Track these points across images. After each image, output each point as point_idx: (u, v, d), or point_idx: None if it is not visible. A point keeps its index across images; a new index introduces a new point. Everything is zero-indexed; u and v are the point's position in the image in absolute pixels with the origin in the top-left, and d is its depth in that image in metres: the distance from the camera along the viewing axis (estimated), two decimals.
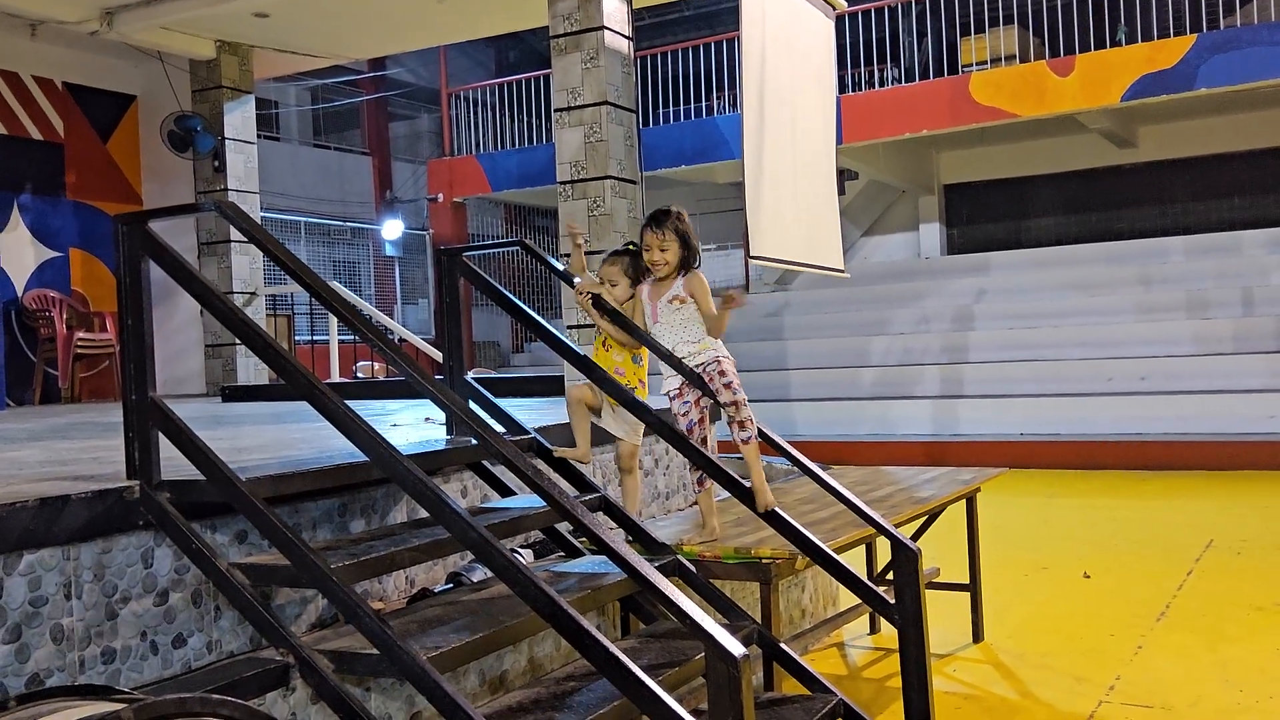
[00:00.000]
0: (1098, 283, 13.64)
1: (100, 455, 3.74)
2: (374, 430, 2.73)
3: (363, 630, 2.59)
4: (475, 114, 17.82)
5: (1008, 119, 13.49)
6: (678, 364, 3.74)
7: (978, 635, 5.20)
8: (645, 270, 3.81)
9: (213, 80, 9.20)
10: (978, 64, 14.07)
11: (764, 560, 3.63)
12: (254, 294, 9.28)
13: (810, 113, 7.64)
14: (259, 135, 9.69)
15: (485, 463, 3.85)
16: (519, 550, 3.90)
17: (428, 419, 5.01)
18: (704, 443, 3.77)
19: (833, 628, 5.04)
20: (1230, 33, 12.44)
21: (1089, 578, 6.35)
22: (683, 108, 16.35)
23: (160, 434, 2.84)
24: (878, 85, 15.09)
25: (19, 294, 9.04)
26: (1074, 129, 14.69)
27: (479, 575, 3.52)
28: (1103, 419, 11.63)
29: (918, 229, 17.10)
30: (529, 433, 3.95)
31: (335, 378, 10.06)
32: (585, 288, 3.84)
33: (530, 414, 4.38)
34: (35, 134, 9.24)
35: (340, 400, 2.75)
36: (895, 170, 15.90)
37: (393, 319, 14.58)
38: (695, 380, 3.72)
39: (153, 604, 2.74)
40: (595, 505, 3.72)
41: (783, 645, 3.54)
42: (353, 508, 3.35)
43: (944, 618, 5.16)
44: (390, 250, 18.56)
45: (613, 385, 3.75)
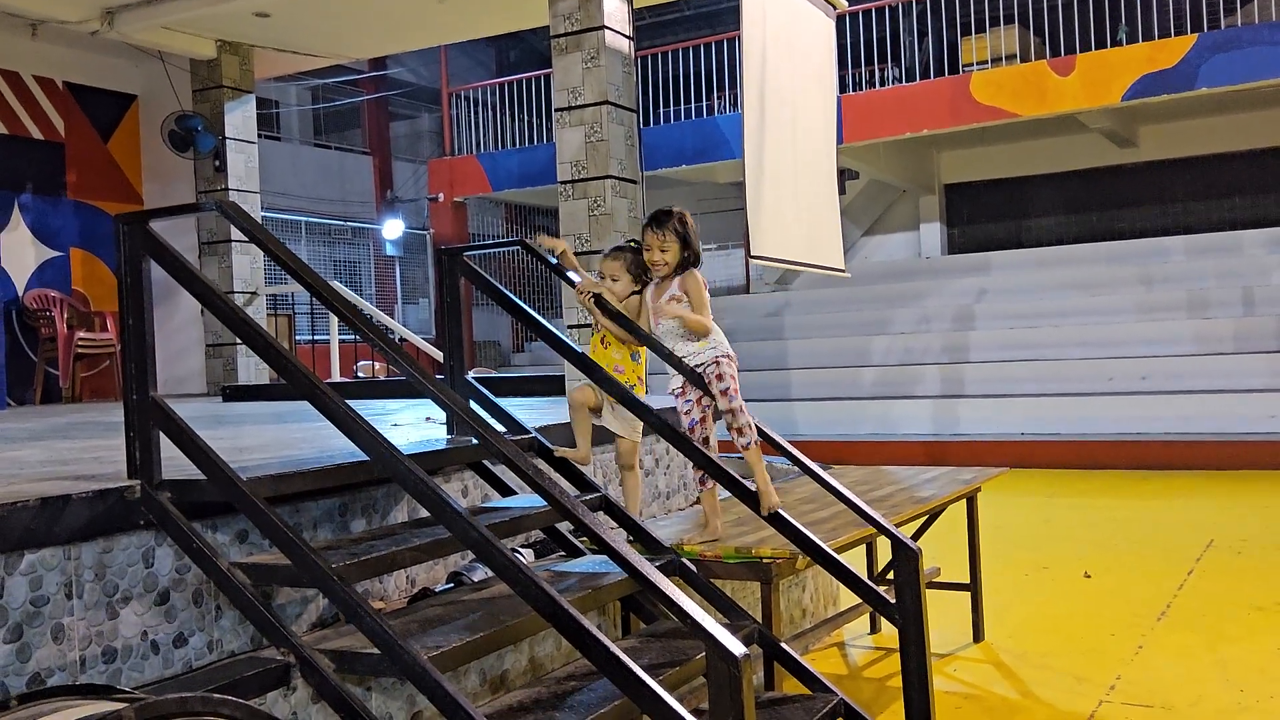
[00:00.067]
0: (1098, 282, 13.64)
1: (101, 455, 3.74)
2: (375, 430, 2.73)
3: (364, 630, 2.59)
4: (476, 113, 17.82)
5: (1008, 118, 13.48)
6: (678, 364, 3.74)
7: (978, 635, 5.20)
8: (647, 269, 3.82)
9: (213, 80, 9.20)
10: (978, 63, 14.06)
11: (765, 560, 3.63)
12: (255, 293, 9.28)
13: (811, 112, 7.64)
14: (260, 135, 9.69)
15: (486, 462, 3.85)
16: (520, 550, 3.90)
17: (428, 418, 5.01)
18: (705, 442, 3.77)
19: (833, 627, 5.04)
20: (1231, 32, 12.44)
21: (1089, 577, 6.35)
22: (683, 107, 16.35)
23: (161, 433, 2.84)
24: (878, 85, 15.09)
25: (20, 293, 9.05)
26: (1075, 129, 14.69)
27: (480, 575, 3.52)
28: (1103, 419, 11.62)
29: (918, 229, 17.10)
30: (530, 432, 3.95)
31: (336, 377, 10.06)
32: (586, 287, 3.84)
33: (531, 413, 4.38)
34: (36, 133, 9.24)
35: (341, 400, 2.75)
36: (896, 170, 15.89)
37: (393, 319, 14.59)
38: (695, 380, 3.73)
39: (154, 603, 2.74)
40: (596, 505, 3.72)
41: (783, 645, 3.54)
42: (353, 507, 3.36)
43: (944, 617, 5.16)
44: (391, 250, 18.57)
45: (614, 385, 3.76)
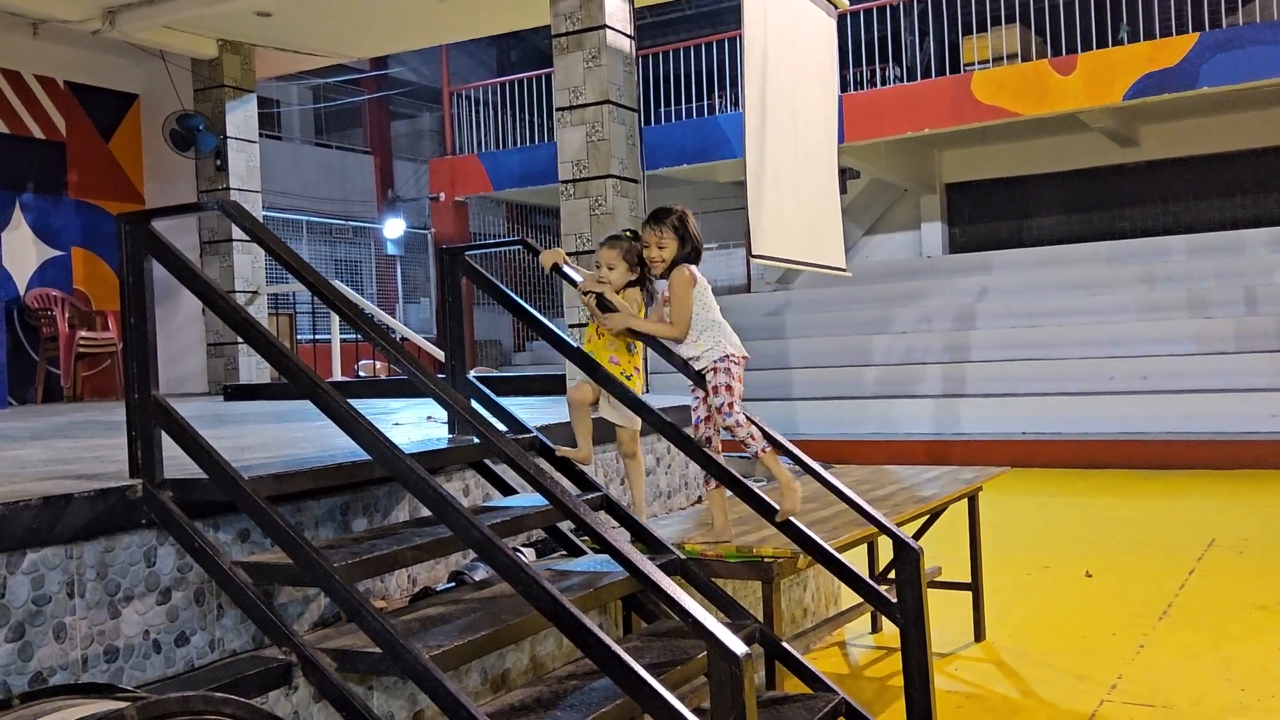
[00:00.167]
0: (1100, 282, 13.63)
1: (103, 454, 3.74)
2: (376, 429, 2.73)
3: (365, 629, 2.59)
4: (477, 113, 17.82)
5: (1010, 118, 13.47)
6: (682, 365, 3.75)
7: (979, 634, 5.20)
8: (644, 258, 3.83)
9: (215, 79, 9.20)
10: (980, 63, 14.05)
11: (766, 559, 3.63)
12: (256, 293, 9.28)
13: (812, 111, 7.64)
14: (261, 134, 9.69)
15: (487, 461, 3.85)
16: (521, 549, 3.91)
17: (430, 417, 5.01)
18: (708, 442, 3.77)
19: (835, 627, 5.04)
20: (1232, 31, 12.43)
21: (1091, 577, 6.35)
22: (684, 106, 16.35)
23: (163, 433, 2.85)
24: (879, 84, 15.08)
25: (21, 293, 9.05)
26: (1076, 128, 14.68)
27: (481, 574, 3.52)
28: (1105, 418, 11.62)
29: (919, 228, 17.09)
30: (531, 431, 3.96)
31: (337, 376, 10.06)
32: (586, 287, 3.84)
33: (532, 412, 4.38)
34: (37, 133, 9.25)
35: (342, 399, 2.75)
36: (897, 169, 15.89)
37: (394, 318, 14.59)
38: (697, 380, 3.73)
39: (155, 603, 2.74)
40: (597, 504, 3.73)
41: (785, 644, 3.54)
42: (355, 506, 3.36)
43: (946, 617, 5.15)
44: (392, 249, 18.56)
45: (615, 384, 3.76)
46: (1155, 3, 13.05)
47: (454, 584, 3.51)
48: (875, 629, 5.46)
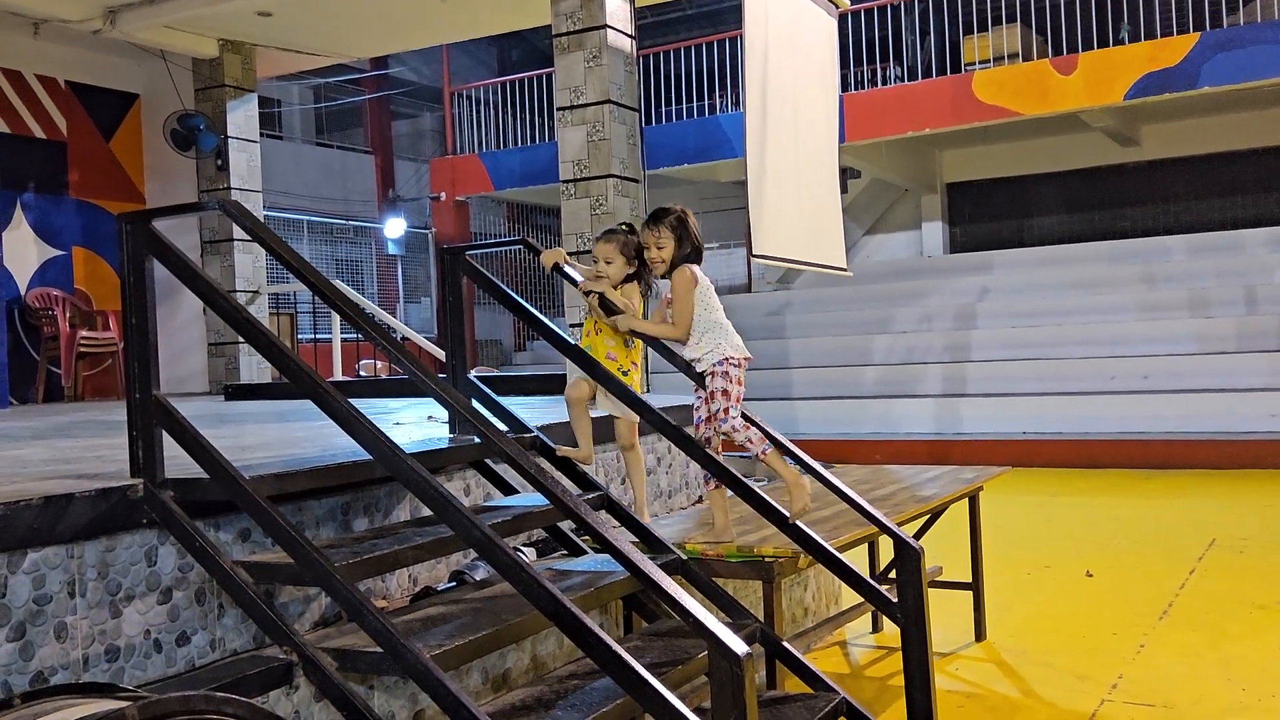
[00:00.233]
0: (1100, 281, 13.63)
1: (104, 454, 3.75)
2: (377, 428, 2.73)
3: (366, 628, 2.59)
4: (478, 113, 17.82)
5: (1010, 117, 13.47)
6: (684, 366, 3.75)
7: (980, 634, 5.20)
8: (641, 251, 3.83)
9: (215, 79, 9.20)
10: (980, 62, 14.05)
11: (767, 559, 3.63)
12: (257, 292, 9.29)
13: (813, 111, 7.65)
14: (262, 134, 9.70)
15: (488, 461, 3.85)
16: (522, 549, 3.91)
17: (430, 417, 5.02)
18: (708, 442, 3.76)
19: (835, 626, 5.04)
20: (1233, 31, 12.42)
21: (1091, 576, 6.35)
22: (685, 106, 16.35)
23: (164, 432, 2.85)
24: (880, 84, 15.08)
25: (22, 292, 9.05)
26: (1077, 127, 14.68)
27: (482, 573, 3.52)
28: (1105, 418, 11.62)
29: (920, 227, 17.09)
30: (532, 431, 3.96)
31: (338, 376, 10.07)
32: (587, 286, 3.84)
33: (533, 412, 4.38)
34: (38, 133, 9.25)
35: (343, 398, 2.75)
36: (898, 169, 15.89)
37: (395, 317, 14.59)
38: (700, 382, 3.73)
39: (156, 602, 2.74)
40: (598, 503, 3.73)
41: (785, 644, 3.54)
42: (356, 506, 3.36)
43: (946, 616, 5.15)
44: (393, 249, 18.56)
45: (614, 383, 3.75)
46: (1156, 2, 13.05)
47: (455, 583, 3.51)
48: (876, 628, 5.46)
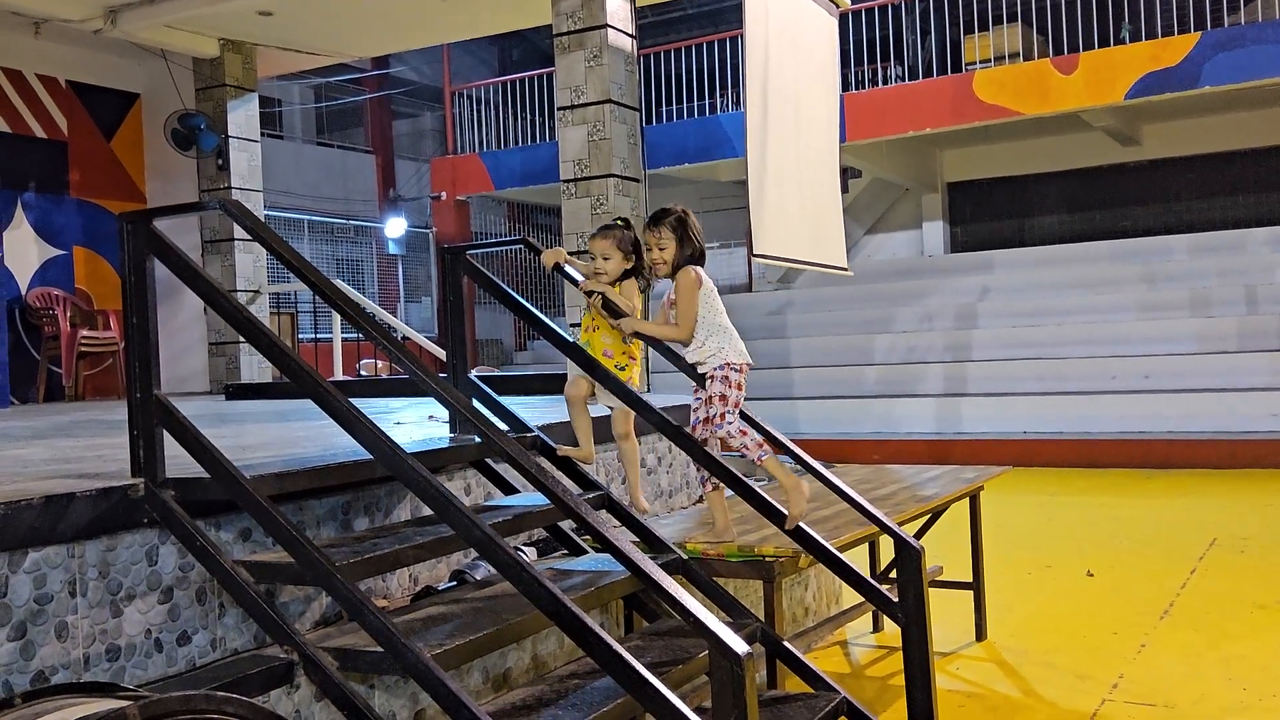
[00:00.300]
0: (1101, 281, 13.63)
1: (105, 453, 3.75)
2: (378, 428, 2.73)
3: (367, 628, 2.59)
4: (478, 112, 17.82)
5: (1011, 117, 13.47)
6: (687, 367, 3.74)
7: (981, 633, 5.20)
8: (638, 246, 3.82)
9: (216, 78, 9.20)
10: (981, 62, 14.05)
11: (767, 558, 3.63)
12: (258, 292, 9.29)
13: (814, 110, 7.65)
14: (262, 133, 9.70)
15: (489, 460, 3.85)
16: (522, 548, 3.91)
17: (431, 417, 5.02)
18: (705, 442, 3.76)
19: (836, 626, 5.04)
20: (1234, 30, 12.42)
21: (1092, 576, 6.35)
22: (686, 106, 16.35)
23: (165, 432, 2.85)
24: (881, 83, 15.08)
25: (23, 292, 9.06)
26: (1078, 127, 14.67)
27: (482, 573, 3.52)
28: (1106, 417, 11.62)
29: (921, 227, 17.09)
30: (532, 430, 3.95)
31: (339, 375, 10.07)
32: (588, 286, 3.83)
33: (533, 412, 4.38)
34: (39, 132, 9.25)
35: (344, 398, 2.75)
36: (898, 168, 15.88)
37: (396, 317, 14.59)
38: (698, 380, 3.73)
39: (157, 601, 2.74)
40: (599, 503, 3.72)
41: (786, 643, 3.54)
42: (356, 505, 3.36)
43: (947, 616, 5.15)
44: (393, 248, 18.56)
45: (614, 382, 3.75)
46: (1157, 2, 13.04)
47: (455, 583, 3.51)
48: (876, 628, 5.46)
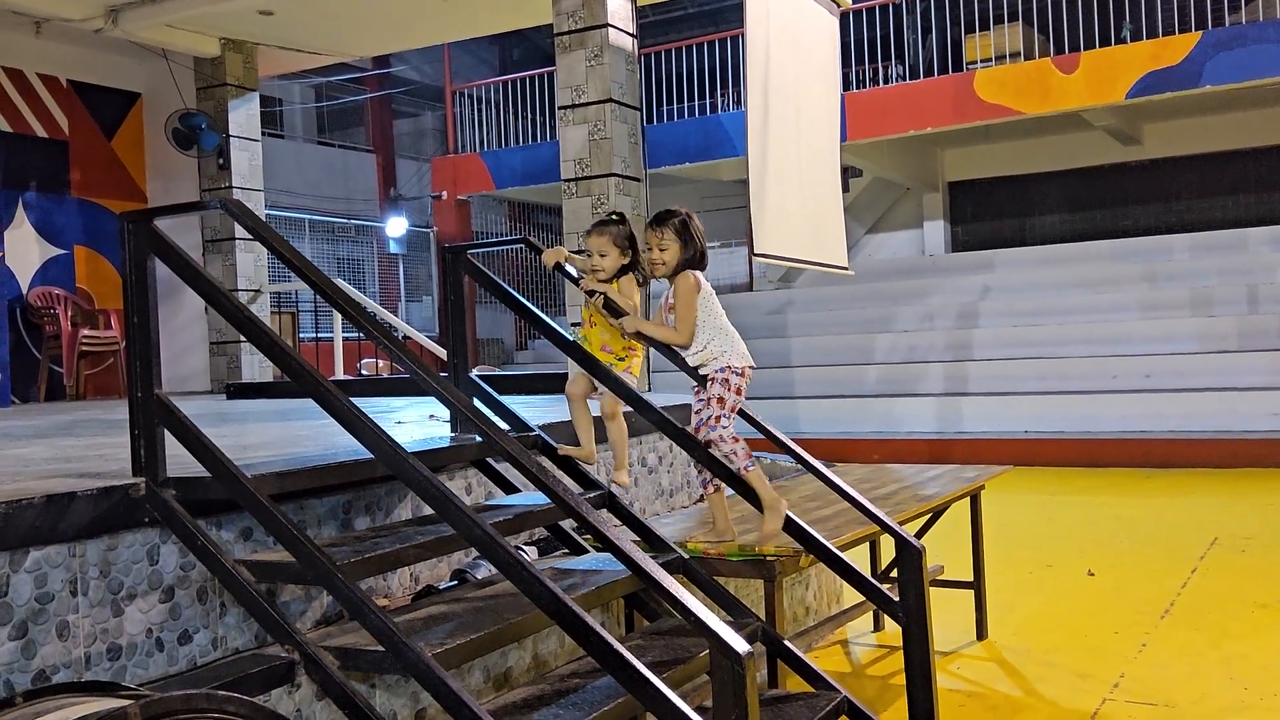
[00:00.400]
0: (1102, 280, 13.62)
1: (106, 452, 3.75)
2: (379, 427, 2.73)
3: (368, 627, 2.59)
4: (479, 111, 17.82)
5: (1012, 116, 13.47)
6: (689, 369, 3.74)
7: (982, 633, 5.20)
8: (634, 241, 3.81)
9: (217, 78, 9.21)
10: (982, 61, 14.04)
11: (768, 558, 3.63)
12: (259, 291, 9.29)
13: (814, 110, 7.65)
14: (263, 133, 9.70)
15: (490, 460, 3.85)
16: (523, 548, 3.91)
17: (432, 416, 5.02)
18: (708, 444, 3.75)
19: (837, 625, 5.04)
20: (1235, 30, 12.41)
21: (1093, 575, 6.35)
22: (687, 105, 16.34)
23: (166, 431, 2.85)
24: (882, 82, 15.08)
25: (24, 291, 9.06)
26: (1079, 126, 14.67)
27: (483, 572, 3.52)
28: (1107, 416, 11.62)
29: (922, 226, 17.09)
30: (533, 430, 3.95)
31: (339, 375, 10.07)
32: (588, 286, 3.82)
33: (534, 411, 4.38)
34: (40, 131, 9.25)
35: (345, 397, 2.75)
36: (899, 167, 15.88)
37: (397, 316, 14.59)
38: (702, 383, 3.73)
39: (158, 601, 2.74)
40: (599, 502, 3.73)
41: (787, 642, 3.54)
42: (358, 505, 3.36)
43: (948, 615, 5.15)
44: (394, 247, 18.57)
45: (614, 381, 3.74)
46: (1158, 1, 13.03)
47: (456, 582, 3.51)
48: (877, 627, 5.47)
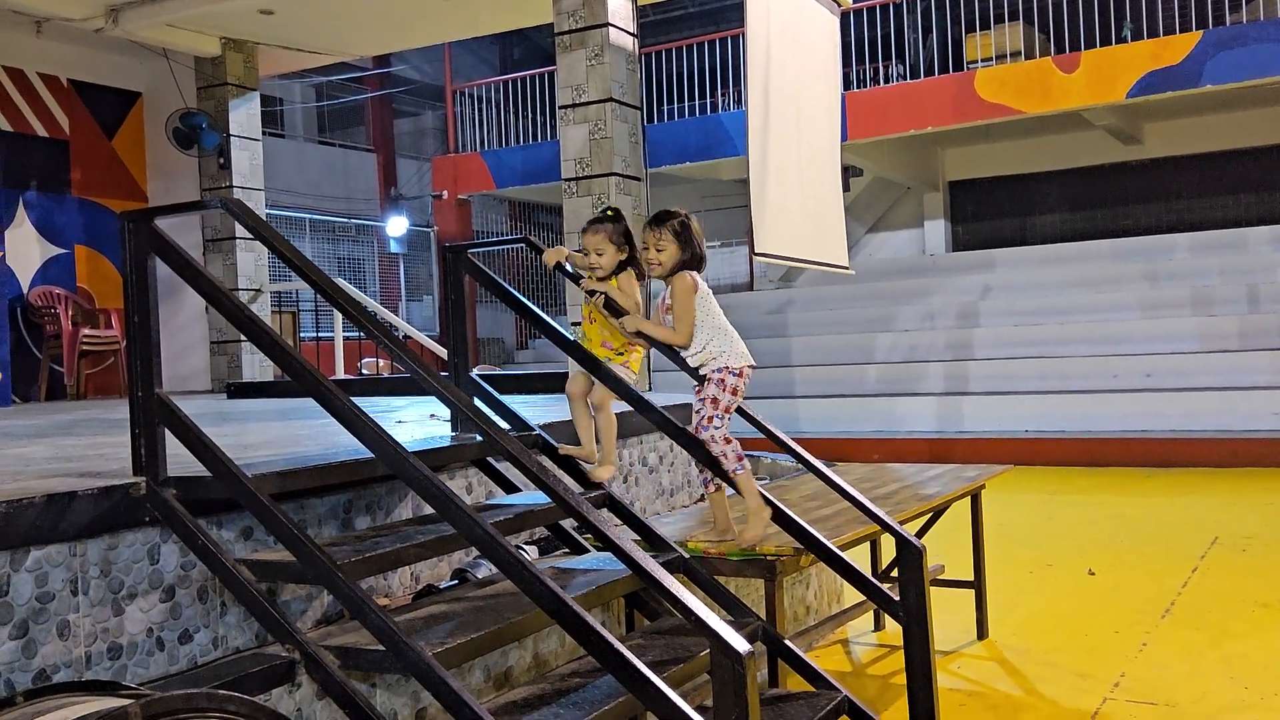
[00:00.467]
0: (1103, 279, 13.62)
1: (106, 452, 3.75)
2: (380, 427, 2.73)
3: (368, 626, 2.59)
4: (480, 111, 17.82)
5: (1013, 115, 13.46)
6: (692, 372, 3.74)
7: (982, 632, 5.20)
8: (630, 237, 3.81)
9: (218, 77, 9.21)
10: (983, 60, 14.03)
11: (769, 557, 3.63)
12: (259, 291, 9.29)
13: (815, 109, 7.65)
14: (264, 132, 9.70)
15: (490, 459, 3.85)
16: (524, 547, 3.91)
17: (433, 415, 5.02)
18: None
19: (837, 624, 5.04)
20: (1236, 29, 12.40)
21: (1094, 575, 6.35)
22: (687, 104, 16.34)
23: (166, 430, 2.85)
24: (883, 82, 15.07)
25: (25, 291, 9.06)
26: (1079, 125, 14.67)
27: (484, 572, 3.52)
28: (1108, 416, 11.61)
29: (923, 225, 17.09)
30: (534, 429, 3.95)
31: (340, 374, 10.07)
32: (589, 286, 3.82)
33: (535, 410, 4.38)
34: (41, 131, 9.25)
35: (346, 397, 2.75)
36: (900, 167, 15.88)
37: (397, 316, 14.59)
38: (698, 379, 3.73)
39: (159, 600, 2.75)
40: (600, 502, 3.72)
41: (787, 642, 3.54)
42: (358, 504, 3.36)
43: (948, 615, 5.15)
44: (395, 247, 18.58)
45: (618, 384, 3.74)
46: (1158, 1, 13.03)
47: (457, 582, 3.51)
48: (878, 627, 5.46)
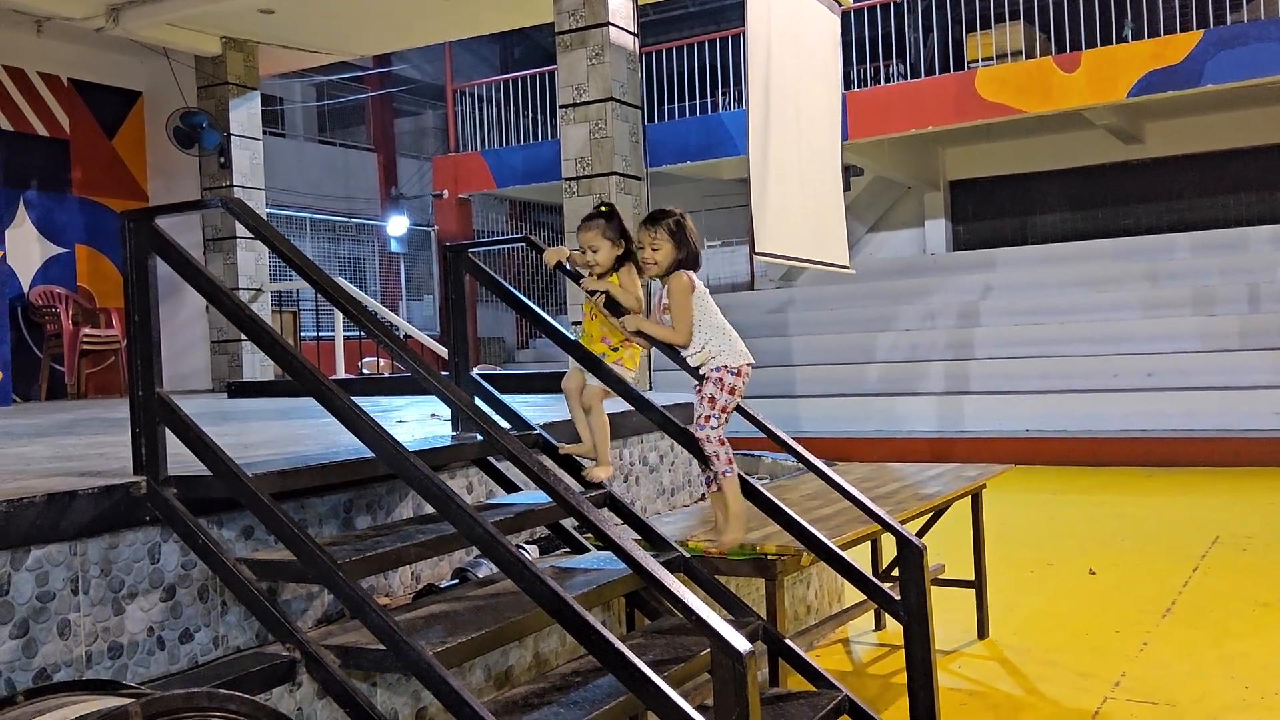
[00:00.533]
0: (1104, 279, 13.62)
1: (107, 451, 3.75)
2: (380, 426, 2.73)
3: (369, 625, 2.59)
4: (480, 110, 17.82)
5: (1014, 115, 13.46)
6: (693, 371, 3.74)
7: (983, 632, 5.20)
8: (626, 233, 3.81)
9: (218, 76, 9.21)
10: (984, 60, 14.03)
11: (769, 556, 3.63)
12: (260, 290, 9.30)
13: (815, 108, 7.64)
14: (264, 131, 9.71)
15: (491, 458, 3.85)
16: (524, 546, 3.91)
17: (433, 415, 5.02)
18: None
19: (838, 624, 5.04)
20: (1237, 28, 12.40)
21: (1094, 574, 6.35)
22: (688, 104, 16.34)
23: (167, 430, 2.85)
24: (883, 81, 15.07)
25: (25, 290, 9.06)
26: (1080, 125, 14.66)
27: (484, 571, 3.52)
28: (1108, 415, 11.61)
29: (923, 225, 17.09)
30: (534, 429, 3.95)
31: (341, 374, 10.07)
32: (590, 286, 3.82)
33: (535, 410, 4.38)
34: (41, 130, 9.26)
35: (346, 396, 2.75)
36: (901, 166, 15.88)
37: (398, 315, 14.59)
38: (698, 378, 3.73)
39: (159, 599, 2.75)
40: (601, 501, 3.72)
41: (788, 641, 3.54)
42: (359, 503, 3.36)
43: (949, 614, 5.15)
44: (395, 246, 18.58)
45: (618, 383, 3.74)
46: (1159, 0, 13.03)
47: (457, 581, 3.51)
48: (878, 626, 5.46)
